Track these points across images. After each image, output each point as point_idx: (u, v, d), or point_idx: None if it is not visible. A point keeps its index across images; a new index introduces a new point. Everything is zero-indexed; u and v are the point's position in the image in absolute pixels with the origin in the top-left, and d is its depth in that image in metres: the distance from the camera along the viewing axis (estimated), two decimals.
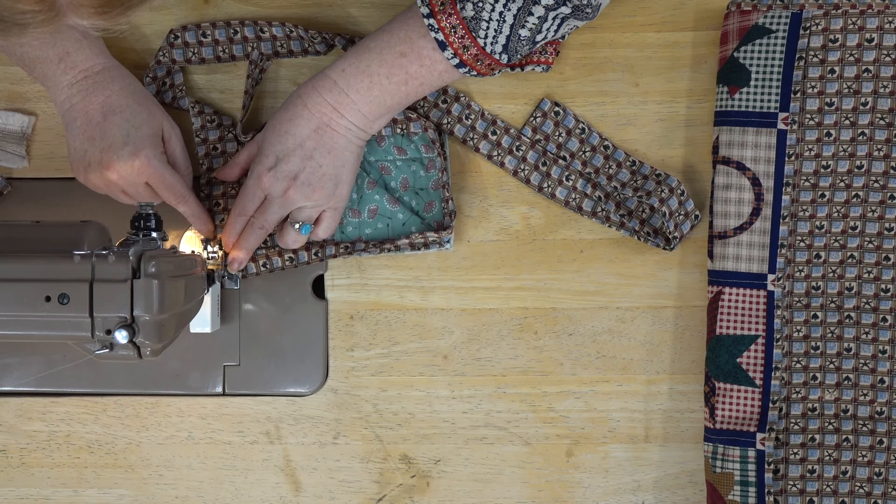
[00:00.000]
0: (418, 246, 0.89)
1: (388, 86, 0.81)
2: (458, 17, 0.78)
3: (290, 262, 0.89)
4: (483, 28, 0.78)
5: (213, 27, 0.89)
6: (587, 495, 0.92)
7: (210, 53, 0.90)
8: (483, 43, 0.79)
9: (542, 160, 0.89)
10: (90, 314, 0.69)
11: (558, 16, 0.78)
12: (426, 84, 0.82)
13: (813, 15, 0.86)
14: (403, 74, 0.81)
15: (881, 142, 0.86)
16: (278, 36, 0.89)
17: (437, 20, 0.78)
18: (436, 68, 0.81)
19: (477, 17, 0.78)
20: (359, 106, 0.82)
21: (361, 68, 0.81)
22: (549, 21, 0.78)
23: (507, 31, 0.78)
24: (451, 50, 0.79)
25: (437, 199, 0.90)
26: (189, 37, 0.90)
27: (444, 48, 0.79)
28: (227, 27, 0.89)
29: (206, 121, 0.90)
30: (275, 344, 0.91)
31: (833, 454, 0.87)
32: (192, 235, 0.91)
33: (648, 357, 0.91)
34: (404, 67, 0.81)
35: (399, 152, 0.90)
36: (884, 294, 0.87)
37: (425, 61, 0.81)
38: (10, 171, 0.92)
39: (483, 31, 0.78)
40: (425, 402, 0.92)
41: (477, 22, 0.78)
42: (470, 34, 0.78)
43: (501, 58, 0.81)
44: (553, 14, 0.78)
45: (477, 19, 0.78)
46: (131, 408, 0.93)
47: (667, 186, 0.87)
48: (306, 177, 0.83)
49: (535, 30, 0.79)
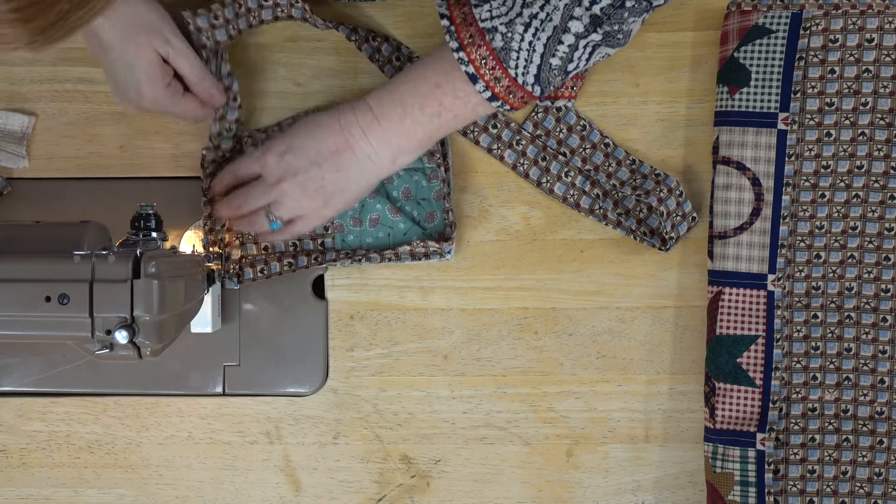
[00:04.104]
0: (419, 255, 0.89)
1: (421, 117, 0.81)
2: (487, 48, 0.77)
3: (289, 267, 0.90)
4: (513, 58, 0.77)
5: (223, 5, 0.86)
6: (587, 495, 0.92)
7: (223, 35, 0.86)
8: (514, 74, 0.78)
9: (541, 155, 0.89)
10: (90, 314, 0.69)
11: (589, 44, 0.77)
12: (460, 117, 0.81)
13: (813, 15, 0.86)
14: (437, 106, 0.80)
15: (881, 142, 0.86)
16: (281, 3, 0.87)
17: (467, 52, 0.77)
18: (470, 101, 0.80)
19: (507, 47, 0.76)
20: (389, 136, 0.81)
21: (396, 98, 0.81)
22: (580, 49, 0.77)
23: (537, 60, 0.77)
24: (482, 83, 0.78)
25: (439, 210, 0.91)
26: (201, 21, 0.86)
27: (475, 81, 0.78)
28: (233, 3, 0.86)
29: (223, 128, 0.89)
30: (275, 344, 0.91)
31: (833, 454, 0.87)
32: (192, 235, 0.91)
33: (648, 357, 0.91)
34: (438, 99, 0.80)
35: None
36: (884, 294, 0.87)
37: (459, 93, 0.80)
38: (10, 171, 0.92)
39: (514, 61, 0.77)
40: (425, 402, 0.92)
41: (507, 52, 0.77)
42: (500, 65, 0.77)
43: (534, 90, 0.79)
44: (584, 42, 0.76)
45: (507, 49, 0.77)
46: (131, 408, 0.93)
47: (665, 186, 0.87)
48: (304, 179, 0.82)
49: (565, 59, 0.77)
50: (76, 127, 0.92)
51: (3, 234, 0.76)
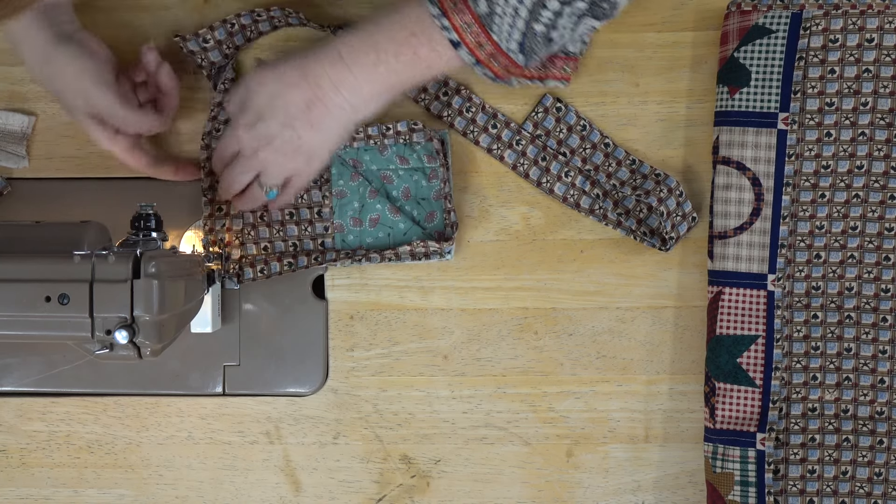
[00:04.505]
0: (419, 255, 0.89)
1: (395, 64, 0.78)
2: (471, 14, 0.75)
3: (289, 267, 0.90)
4: (497, 23, 0.75)
5: (212, 30, 0.89)
6: (587, 495, 0.92)
7: (217, 56, 0.90)
8: (497, 40, 0.76)
9: (541, 155, 0.89)
10: (90, 314, 0.69)
11: (574, 12, 0.75)
12: (433, 68, 0.79)
13: (813, 15, 0.86)
14: (412, 55, 0.78)
15: (881, 142, 0.86)
16: (276, 16, 0.89)
17: (450, 19, 0.76)
18: (446, 53, 0.78)
19: (490, 12, 0.75)
20: (360, 83, 0.79)
21: (370, 43, 0.78)
22: (565, 18, 0.75)
23: (521, 26, 0.75)
24: (465, 48, 0.77)
25: (439, 210, 0.91)
26: (192, 45, 0.89)
27: (458, 47, 0.77)
28: (223, 24, 0.89)
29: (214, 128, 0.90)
30: (275, 344, 0.91)
31: (833, 454, 0.87)
32: (192, 235, 0.91)
33: (648, 357, 0.91)
34: (413, 48, 0.78)
35: (401, 161, 0.90)
36: (884, 294, 0.87)
37: (437, 46, 0.77)
38: (10, 171, 0.92)
39: (497, 26, 0.75)
40: (425, 402, 0.92)
41: (491, 17, 0.75)
42: (485, 31, 0.76)
43: (518, 58, 0.78)
44: (569, 10, 0.75)
45: (490, 14, 0.75)
46: (131, 408, 0.93)
47: (665, 186, 0.87)
48: (280, 144, 0.81)
49: (549, 25, 0.76)
50: (76, 127, 0.92)
51: (3, 234, 0.76)
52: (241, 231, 0.90)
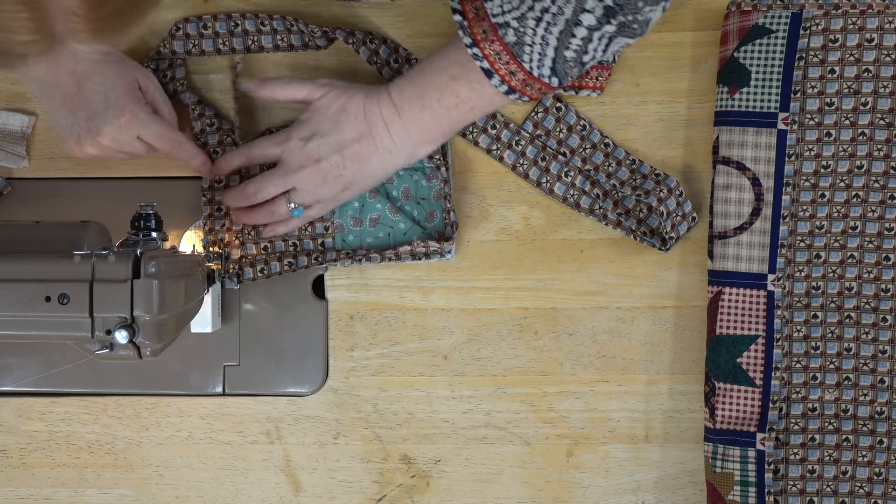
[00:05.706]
0: (419, 255, 0.89)
1: (439, 109, 0.81)
2: (501, 44, 0.76)
3: (289, 267, 0.90)
4: (527, 52, 0.76)
5: (215, 19, 0.89)
6: (587, 495, 0.92)
7: (210, 46, 0.90)
8: (529, 67, 0.77)
9: (541, 155, 0.89)
10: (90, 314, 0.69)
11: (604, 35, 0.76)
12: (477, 108, 0.81)
13: (813, 15, 0.86)
14: (454, 98, 0.80)
15: (881, 142, 0.86)
16: (279, 29, 0.89)
17: (481, 48, 0.77)
18: (486, 92, 0.80)
19: (520, 42, 0.76)
20: (408, 128, 0.82)
21: (415, 91, 0.81)
22: (595, 41, 0.76)
23: (551, 53, 0.76)
24: (498, 77, 0.78)
25: (439, 210, 0.91)
26: (190, 28, 0.89)
27: (490, 76, 0.78)
28: (227, 20, 0.89)
29: (205, 124, 0.90)
30: (275, 344, 0.91)
31: (833, 454, 0.87)
32: (192, 235, 0.91)
33: (648, 357, 0.91)
34: (455, 91, 0.80)
35: None
36: (884, 294, 0.87)
37: (475, 85, 0.79)
38: (10, 171, 0.93)
39: (527, 55, 0.76)
40: (425, 402, 0.92)
41: (520, 47, 0.76)
42: (515, 59, 0.77)
43: (552, 81, 0.79)
44: (598, 34, 0.75)
45: (520, 44, 0.76)
46: (131, 408, 0.93)
47: (665, 186, 0.87)
48: (326, 167, 0.82)
49: (580, 51, 0.76)
50: None
51: (3, 234, 0.76)
52: (241, 231, 0.90)
